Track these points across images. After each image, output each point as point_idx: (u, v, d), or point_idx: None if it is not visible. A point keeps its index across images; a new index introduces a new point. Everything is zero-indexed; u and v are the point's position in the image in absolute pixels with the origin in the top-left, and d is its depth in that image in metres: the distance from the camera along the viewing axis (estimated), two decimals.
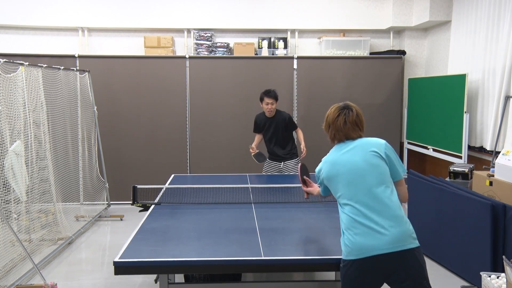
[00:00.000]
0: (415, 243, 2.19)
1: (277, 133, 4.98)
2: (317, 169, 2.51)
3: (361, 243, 2.16)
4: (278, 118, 4.95)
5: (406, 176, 2.34)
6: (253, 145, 5.07)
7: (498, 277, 3.11)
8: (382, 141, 2.37)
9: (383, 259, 2.13)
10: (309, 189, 2.84)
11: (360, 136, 2.41)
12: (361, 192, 2.24)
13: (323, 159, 2.47)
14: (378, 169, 2.27)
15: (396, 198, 2.27)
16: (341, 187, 2.32)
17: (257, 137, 5.19)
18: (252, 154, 5.00)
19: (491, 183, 4.11)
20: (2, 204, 3.78)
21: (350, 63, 6.59)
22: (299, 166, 2.93)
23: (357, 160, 2.30)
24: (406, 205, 4.53)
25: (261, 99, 4.90)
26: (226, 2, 6.67)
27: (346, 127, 2.38)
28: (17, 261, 4.04)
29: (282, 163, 5.03)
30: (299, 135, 5.09)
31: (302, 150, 4.93)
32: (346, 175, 2.30)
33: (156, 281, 3.67)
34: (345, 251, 2.24)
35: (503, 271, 3.05)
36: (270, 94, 4.84)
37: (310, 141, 6.44)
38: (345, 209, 2.28)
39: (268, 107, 4.85)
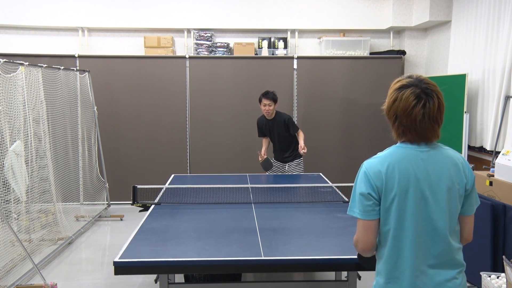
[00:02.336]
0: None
1: (278, 135, 4.96)
2: (369, 170, 1.71)
3: None
4: (278, 120, 4.93)
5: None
6: (262, 151, 5.02)
7: (498, 277, 3.11)
8: (465, 159, 1.78)
9: None
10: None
11: (438, 137, 1.73)
12: (429, 227, 1.67)
13: (382, 159, 1.72)
14: (458, 203, 1.71)
15: (459, 242, 1.79)
16: (405, 209, 1.67)
17: (265, 142, 5.16)
18: (260, 161, 4.97)
19: (491, 183, 4.10)
20: (2, 204, 3.78)
21: (350, 63, 6.59)
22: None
23: (443, 183, 1.67)
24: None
25: (260, 101, 4.88)
26: (226, 2, 6.67)
27: (424, 125, 1.66)
28: (17, 261, 4.04)
29: (287, 164, 5.02)
30: (300, 135, 5.02)
31: (300, 149, 4.77)
32: (421, 197, 1.67)
33: (156, 281, 3.67)
34: None
35: (503, 271, 3.05)
36: (268, 95, 4.80)
37: (311, 142, 6.44)
38: (390, 242, 1.70)
39: (266, 108, 4.82)
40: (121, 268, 2.37)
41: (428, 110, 1.65)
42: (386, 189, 1.67)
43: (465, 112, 5.10)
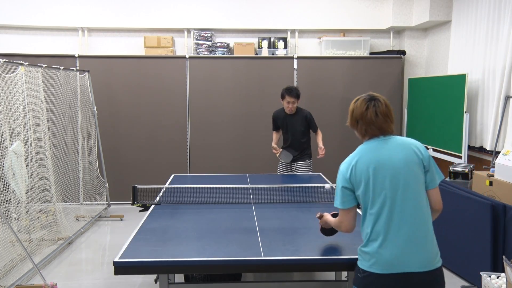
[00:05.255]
0: (441, 261, 2.08)
1: (295, 131, 4.91)
2: (343, 168, 2.17)
3: (390, 258, 2.01)
4: (298, 116, 4.88)
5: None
6: (275, 146, 4.98)
7: (498, 277, 3.11)
8: (420, 143, 2.17)
9: (413, 278, 2.00)
10: (325, 219, 2.58)
11: (392, 131, 2.17)
12: (398, 201, 2.04)
13: (353, 156, 2.17)
14: (419, 177, 2.07)
15: (428, 211, 2.09)
16: (374, 191, 2.07)
17: (275, 136, 5.11)
18: (277, 154, 4.93)
19: (491, 183, 4.10)
20: (2, 204, 3.78)
21: (350, 63, 6.59)
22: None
23: (398, 164, 2.06)
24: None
25: (282, 97, 4.81)
26: (226, 2, 6.67)
27: (378, 120, 2.13)
28: (17, 261, 4.04)
29: (295, 163, 4.98)
30: (318, 136, 4.96)
31: (319, 150, 4.82)
32: (382, 178, 2.06)
33: (156, 281, 3.67)
34: (367, 260, 2.07)
35: (503, 271, 3.05)
36: (292, 93, 4.74)
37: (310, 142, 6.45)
38: (374, 216, 2.07)
39: (289, 106, 4.79)
40: (121, 268, 2.37)
41: (378, 108, 2.14)
42: (357, 180, 2.10)
43: (465, 112, 5.10)
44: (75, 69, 5.75)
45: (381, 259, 2.02)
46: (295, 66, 6.58)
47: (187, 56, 6.51)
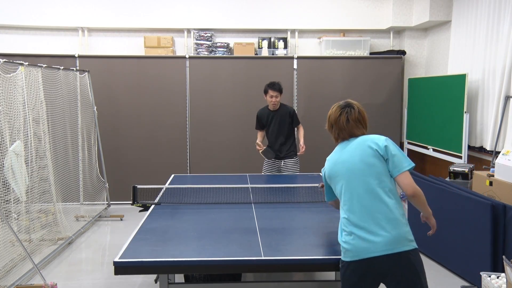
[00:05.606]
0: (411, 245, 2.19)
1: (280, 128, 4.92)
2: (322, 169, 2.51)
3: (356, 246, 2.19)
4: (282, 112, 4.91)
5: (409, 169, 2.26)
6: (258, 141, 4.99)
7: (498, 277, 3.11)
8: (382, 137, 2.34)
9: (376, 261, 2.15)
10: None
11: (363, 134, 2.39)
12: (358, 193, 2.24)
13: (327, 158, 2.47)
14: (375, 168, 2.25)
15: (395, 198, 2.24)
16: (339, 187, 2.33)
17: (260, 134, 5.12)
18: (260, 151, 4.94)
19: (491, 183, 4.10)
20: (2, 204, 3.78)
21: (350, 63, 6.59)
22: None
23: (355, 160, 2.28)
24: (406, 205, 4.52)
25: (265, 92, 4.85)
26: (226, 2, 6.67)
27: (349, 125, 2.37)
28: (17, 261, 4.04)
29: (282, 161, 4.99)
30: (300, 132, 5.02)
31: (300, 147, 4.86)
32: (345, 175, 2.30)
33: (156, 281, 3.67)
34: (342, 251, 2.28)
35: (503, 271, 3.05)
36: (275, 86, 4.79)
37: (311, 141, 6.44)
38: (343, 209, 2.30)
39: (272, 100, 4.82)
40: (121, 268, 2.37)
41: (350, 115, 2.38)
42: (330, 177, 2.41)
43: (465, 112, 5.10)
44: (75, 69, 5.75)
45: (350, 248, 2.21)
46: (295, 66, 6.58)
47: (187, 56, 6.51)
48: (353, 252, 2.20)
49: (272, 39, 6.75)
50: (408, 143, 6.66)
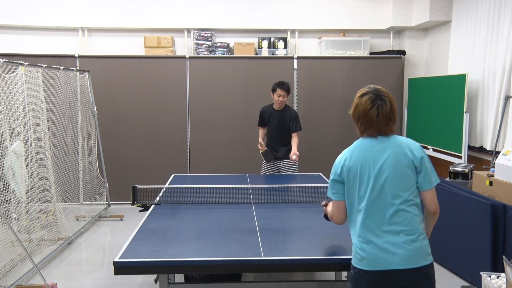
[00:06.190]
0: (429, 259, 2.09)
1: (281, 128, 4.92)
2: (336, 162, 2.23)
3: (374, 256, 2.06)
4: (286, 113, 4.90)
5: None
6: (260, 139, 4.98)
7: (498, 277, 3.11)
8: (417, 144, 2.17)
9: (395, 274, 2.05)
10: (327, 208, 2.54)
11: (393, 132, 2.18)
12: (383, 200, 2.08)
13: (347, 151, 2.21)
14: (406, 179, 2.08)
15: (419, 211, 2.12)
16: (362, 188, 2.12)
17: (261, 132, 5.12)
18: (261, 151, 4.93)
19: (491, 183, 4.10)
20: (2, 204, 3.78)
21: (350, 63, 6.59)
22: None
23: (387, 165, 2.09)
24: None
25: (273, 90, 4.85)
26: (226, 2, 6.67)
27: (379, 122, 2.14)
28: (17, 261, 4.04)
29: (282, 162, 4.98)
30: (294, 139, 4.88)
31: (291, 155, 4.74)
32: (371, 178, 2.10)
33: (156, 281, 3.67)
34: (356, 257, 2.13)
35: (503, 271, 3.05)
36: (284, 86, 4.79)
37: (311, 142, 6.45)
38: (361, 214, 2.11)
39: (279, 99, 4.82)
40: (121, 268, 2.37)
41: (382, 110, 2.14)
42: (346, 174, 2.16)
43: (465, 112, 5.10)
44: (75, 69, 5.75)
45: (367, 256, 2.07)
46: (295, 66, 6.58)
47: (187, 56, 6.51)
48: (370, 261, 2.07)
49: (272, 39, 6.75)
50: None
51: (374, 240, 2.07)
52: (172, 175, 4.86)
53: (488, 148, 5.03)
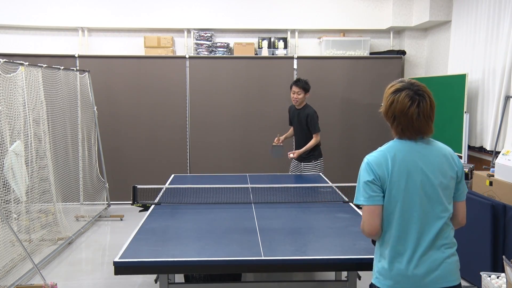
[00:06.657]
0: (458, 280, 1.92)
1: (300, 128, 4.88)
2: (372, 161, 1.91)
3: (404, 273, 1.86)
4: (302, 113, 4.83)
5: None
6: (282, 136, 4.95)
7: (498, 277, 3.11)
8: (454, 152, 2.01)
9: None
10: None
11: (432, 132, 1.94)
12: (421, 211, 1.86)
13: (384, 151, 1.92)
14: (449, 191, 1.91)
15: (452, 226, 1.96)
16: (398, 196, 1.87)
17: (290, 130, 5.11)
18: (273, 144, 4.89)
19: (491, 183, 4.10)
20: (2, 204, 3.78)
21: (350, 63, 6.59)
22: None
23: (432, 175, 1.88)
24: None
25: (290, 87, 4.84)
26: (226, 2, 6.67)
27: (419, 122, 1.88)
28: (17, 261, 4.05)
29: (302, 164, 4.90)
30: (311, 141, 4.80)
31: (292, 153, 4.78)
32: (410, 187, 1.86)
33: (156, 281, 3.67)
34: (381, 273, 1.93)
35: (503, 271, 3.05)
36: (298, 83, 4.76)
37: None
38: (393, 225, 1.88)
39: (294, 96, 4.78)
40: (121, 268, 2.37)
41: (422, 109, 1.87)
42: (387, 177, 1.87)
43: (465, 112, 5.10)
44: (75, 69, 5.75)
45: (392, 275, 1.89)
46: (295, 66, 6.58)
47: (187, 56, 6.51)
48: (395, 281, 1.88)
49: (272, 39, 6.75)
50: None
51: (405, 257, 1.87)
52: (172, 175, 4.86)
53: (488, 148, 5.03)
